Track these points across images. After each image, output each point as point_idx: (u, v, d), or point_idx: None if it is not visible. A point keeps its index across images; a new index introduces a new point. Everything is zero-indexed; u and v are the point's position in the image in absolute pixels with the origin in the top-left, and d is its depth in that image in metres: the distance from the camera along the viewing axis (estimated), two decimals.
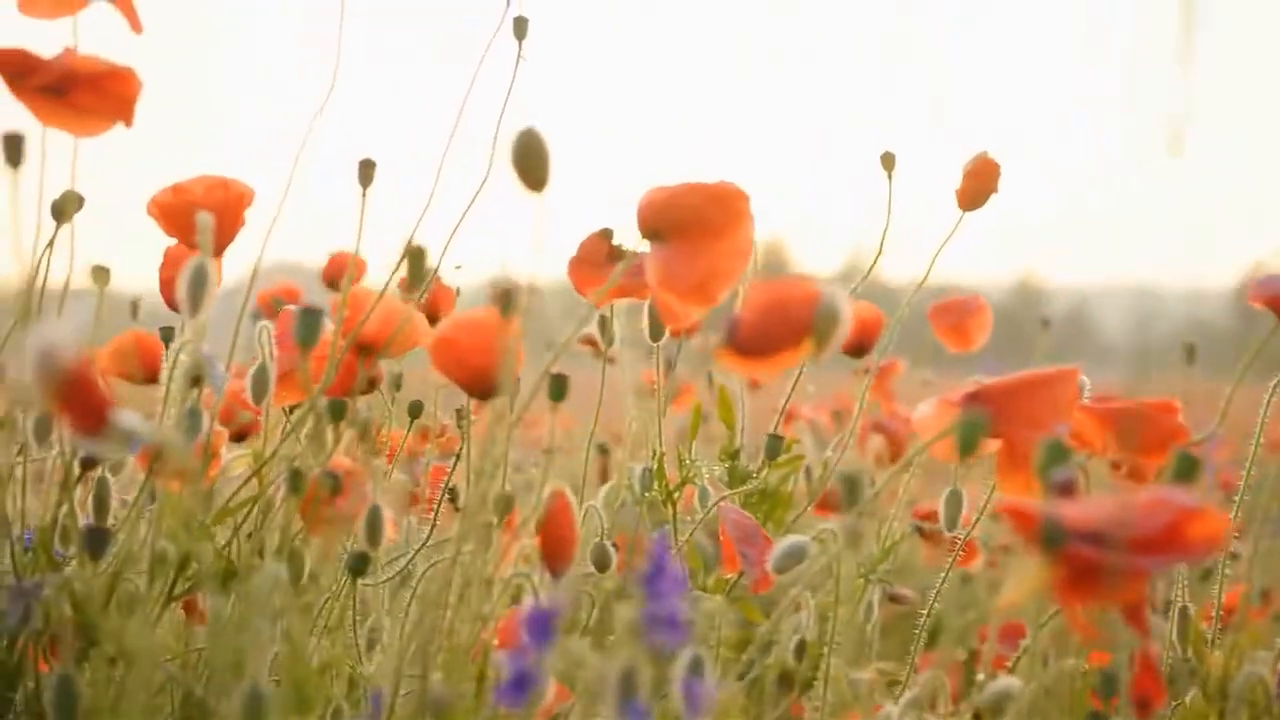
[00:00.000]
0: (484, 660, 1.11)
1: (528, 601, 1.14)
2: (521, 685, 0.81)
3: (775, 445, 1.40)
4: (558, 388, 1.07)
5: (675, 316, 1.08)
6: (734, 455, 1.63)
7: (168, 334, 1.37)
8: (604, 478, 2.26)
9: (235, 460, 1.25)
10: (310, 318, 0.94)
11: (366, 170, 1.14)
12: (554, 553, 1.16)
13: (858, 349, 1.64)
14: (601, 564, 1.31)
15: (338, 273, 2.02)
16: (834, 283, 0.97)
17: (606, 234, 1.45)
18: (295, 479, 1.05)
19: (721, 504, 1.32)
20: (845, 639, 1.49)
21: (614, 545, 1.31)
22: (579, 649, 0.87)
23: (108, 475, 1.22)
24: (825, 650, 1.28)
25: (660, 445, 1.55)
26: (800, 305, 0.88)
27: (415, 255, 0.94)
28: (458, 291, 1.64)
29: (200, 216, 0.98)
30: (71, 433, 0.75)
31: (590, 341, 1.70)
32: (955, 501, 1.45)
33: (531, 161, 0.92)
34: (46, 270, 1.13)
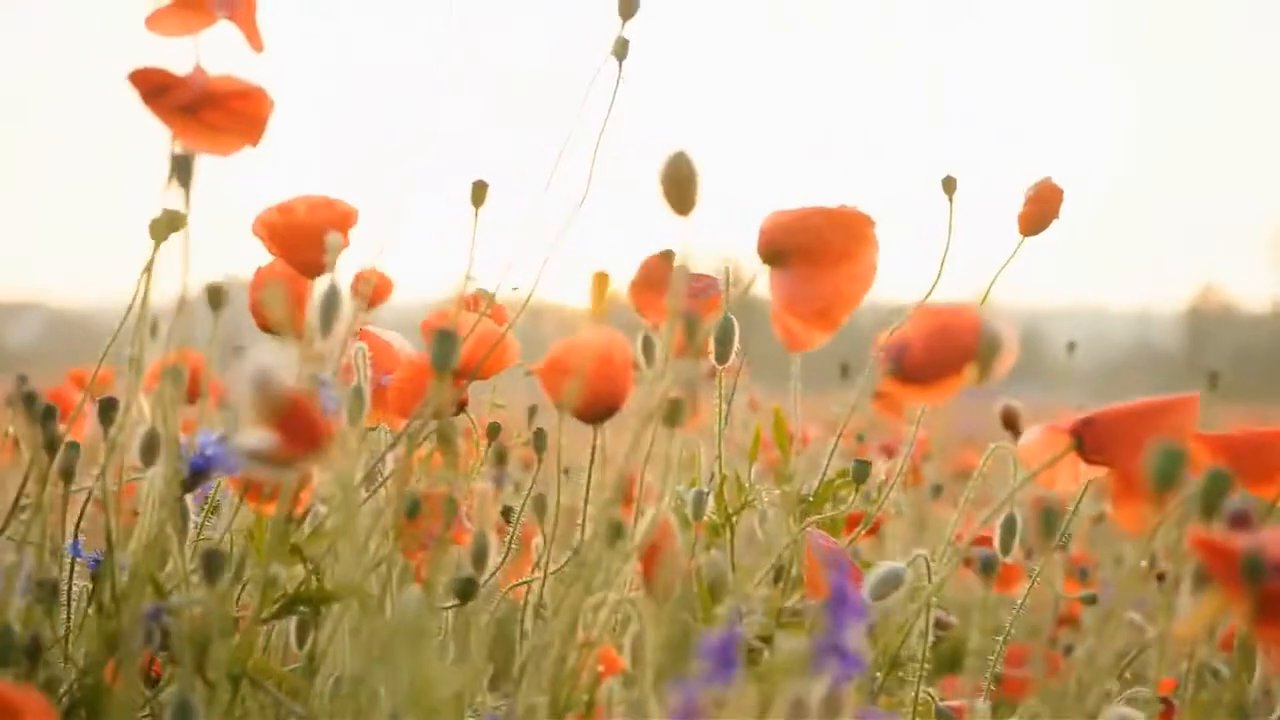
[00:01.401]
0: (593, 687, 1.10)
1: (632, 629, 1.13)
2: (690, 714, 0.80)
3: (863, 470, 1.40)
4: (675, 412, 1.07)
5: (798, 340, 1.08)
6: (789, 479, 1.63)
7: (240, 353, 1.35)
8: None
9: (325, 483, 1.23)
10: (447, 340, 0.93)
11: (479, 190, 1.13)
12: (658, 578, 1.15)
13: None
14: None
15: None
16: None
17: (668, 255, 1.44)
18: (413, 505, 1.03)
19: (810, 529, 1.31)
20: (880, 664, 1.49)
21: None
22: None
23: (187, 498, 1.21)
24: (916, 677, 1.28)
25: (721, 468, 1.55)
26: (964, 332, 0.88)
27: (600, 279, 0.94)
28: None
29: (330, 236, 0.97)
30: (287, 455, 0.74)
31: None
32: (1010, 528, 1.44)
33: (681, 186, 0.91)
34: (147, 288, 1.11)
